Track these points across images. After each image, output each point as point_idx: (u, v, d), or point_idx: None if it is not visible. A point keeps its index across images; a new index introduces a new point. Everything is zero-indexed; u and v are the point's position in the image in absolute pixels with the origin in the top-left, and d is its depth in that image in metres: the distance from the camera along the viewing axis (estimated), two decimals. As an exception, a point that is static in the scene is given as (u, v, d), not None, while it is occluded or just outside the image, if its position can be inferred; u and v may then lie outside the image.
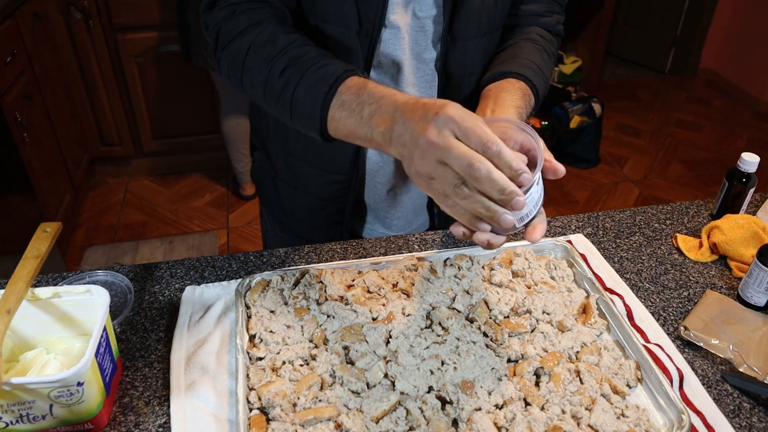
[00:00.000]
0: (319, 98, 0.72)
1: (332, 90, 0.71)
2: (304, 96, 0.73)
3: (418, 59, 0.92)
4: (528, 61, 0.89)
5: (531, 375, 0.76)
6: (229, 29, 0.80)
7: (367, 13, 0.84)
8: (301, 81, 0.74)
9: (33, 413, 0.66)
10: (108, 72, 2.75)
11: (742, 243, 0.98)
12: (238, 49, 0.79)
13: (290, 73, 0.75)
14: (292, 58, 0.75)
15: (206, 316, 0.85)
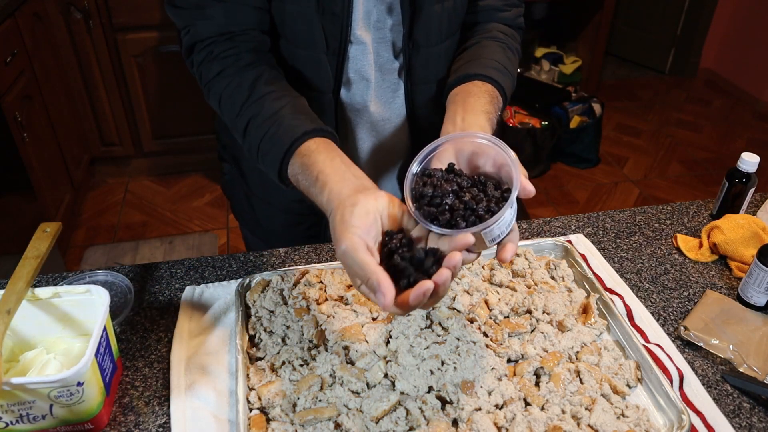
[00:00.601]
0: (276, 165, 0.74)
1: (286, 158, 0.73)
2: (265, 160, 0.77)
3: (382, 71, 0.92)
4: (492, 62, 0.87)
5: (531, 375, 0.76)
6: (207, 74, 0.83)
7: (333, 31, 0.84)
8: (263, 139, 0.76)
9: (33, 413, 0.66)
10: (108, 72, 2.75)
11: (742, 243, 0.98)
12: (216, 94, 0.83)
13: (253, 128, 0.78)
14: (255, 115, 0.78)
15: (206, 316, 0.85)
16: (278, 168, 0.74)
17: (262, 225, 1.11)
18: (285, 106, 0.77)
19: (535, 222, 1.08)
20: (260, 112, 0.78)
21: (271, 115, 0.77)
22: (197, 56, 0.84)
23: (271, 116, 0.77)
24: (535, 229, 1.06)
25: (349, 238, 0.60)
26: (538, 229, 1.06)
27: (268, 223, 1.10)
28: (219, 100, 0.83)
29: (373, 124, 0.97)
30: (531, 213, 2.82)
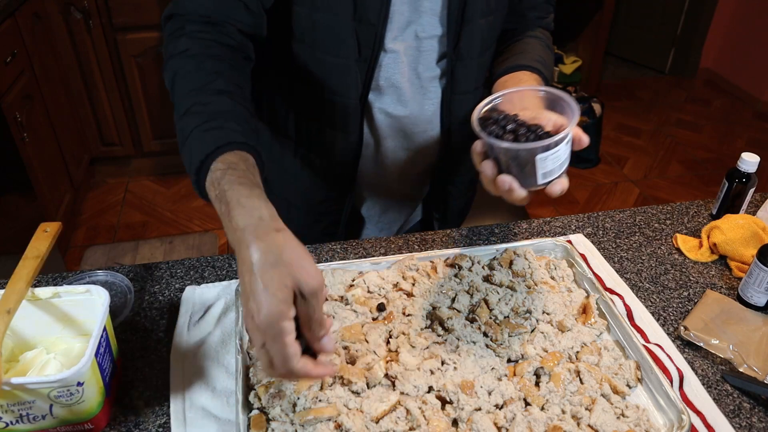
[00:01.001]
0: (192, 170, 0.66)
1: (203, 167, 0.65)
2: (186, 160, 0.69)
3: (420, 78, 0.93)
4: (537, 56, 0.92)
5: (531, 375, 0.76)
6: (172, 48, 0.78)
7: (366, 39, 0.85)
8: (183, 144, 0.69)
9: (33, 413, 0.66)
10: (108, 72, 2.75)
11: (742, 243, 0.98)
12: (171, 70, 0.77)
13: (187, 121, 0.70)
14: (196, 105, 0.70)
15: (206, 316, 0.85)
16: (197, 167, 0.66)
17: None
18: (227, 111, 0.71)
19: (535, 222, 1.08)
20: (207, 104, 0.71)
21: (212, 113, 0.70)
22: (170, 26, 0.80)
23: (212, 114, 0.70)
24: (535, 229, 1.06)
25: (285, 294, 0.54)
26: (538, 229, 1.06)
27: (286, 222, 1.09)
28: (173, 77, 0.76)
29: (403, 130, 0.98)
30: (531, 213, 2.82)
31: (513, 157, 0.67)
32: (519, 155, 0.67)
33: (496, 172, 0.69)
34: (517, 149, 0.66)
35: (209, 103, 0.70)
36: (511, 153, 0.67)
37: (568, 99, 0.70)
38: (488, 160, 0.70)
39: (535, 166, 0.67)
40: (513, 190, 0.67)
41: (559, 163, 0.68)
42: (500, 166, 0.70)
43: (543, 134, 0.67)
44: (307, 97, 0.95)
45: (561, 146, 0.66)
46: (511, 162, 0.68)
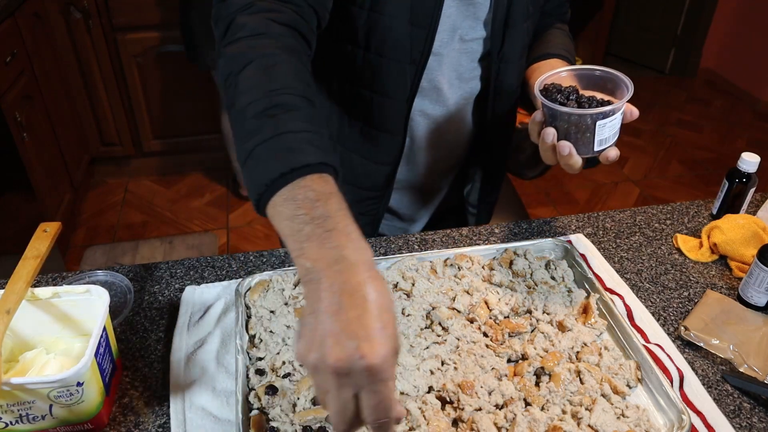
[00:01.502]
0: (273, 173, 0.56)
1: (291, 176, 0.56)
2: (263, 158, 0.58)
3: (460, 79, 0.97)
4: (561, 44, 1.00)
5: (531, 375, 0.76)
6: (240, 26, 0.68)
7: (417, 43, 0.88)
8: (270, 140, 0.59)
9: (33, 413, 0.66)
10: (108, 72, 2.75)
11: (742, 243, 0.98)
12: (239, 54, 0.66)
13: (267, 123, 0.60)
14: (281, 106, 0.61)
15: (206, 316, 0.85)
16: (270, 182, 0.56)
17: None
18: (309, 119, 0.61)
19: (535, 222, 1.08)
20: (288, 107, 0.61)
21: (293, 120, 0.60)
22: (236, 1, 0.71)
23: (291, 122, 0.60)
24: (535, 229, 1.06)
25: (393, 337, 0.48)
26: (538, 229, 1.06)
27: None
28: (244, 66, 0.65)
29: (437, 129, 1.02)
30: (531, 213, 2.82)
31: (575, 123, 0.75)
32: (581, 121, 0.75)
33: (556, 139, 0.77)
34: (582, 114, 0.74)
35: (301, 110, 0.61)
36: (574, 119, 0.75)
37: (621, 75, 0.79)
38: (549, 128, 0.77)
39: (594, 132, 0.75)
40: (572, 155, 0.76)
41: (613, 131, 0.77)
42: (559, 134, 0.78)
43: (604, 102, 0.76)
44: (355, 99, 0.97)
45: (617, 115, 0.76)
46: (572, 129, 0.76)
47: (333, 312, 0.48)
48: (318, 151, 0.58)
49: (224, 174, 3.13)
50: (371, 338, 0.46)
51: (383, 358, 0.46)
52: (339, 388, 0.48)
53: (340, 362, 0.46)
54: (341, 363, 0.46)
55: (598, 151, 0.78)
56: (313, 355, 0.48)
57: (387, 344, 0.47)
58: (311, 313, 0.49)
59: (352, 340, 0.46)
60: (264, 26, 0.68)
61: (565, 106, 0.75)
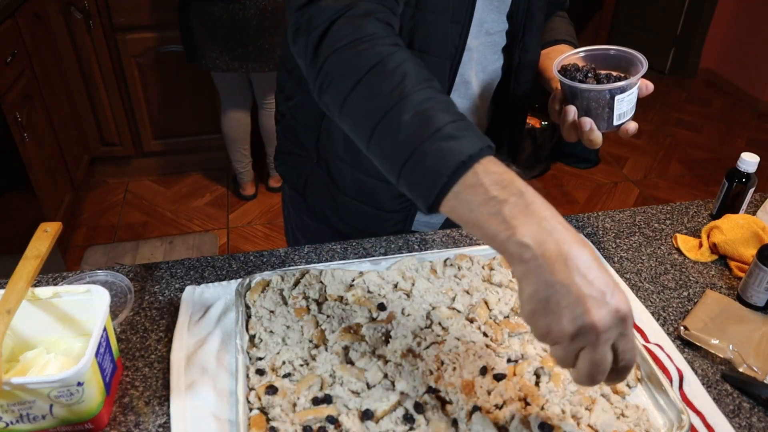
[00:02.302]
0: (448, 166, 0.56)
1: (469, 162, 0.56)
2: (430, 156, 0.58)
3: (484, 72, 0.99)
4: (566, 31, 1.06)
5: (531, 375, 0.76)
6: (347, 31, 0.65)
7: (454, 38, 0.89)
8: (434, 135, 0.58)
9: (33, 413, 0.66)
10: (108, 72, 2.75)
11: (742, 243, 0.98)
12: (357, 61, 0.64)
13: (422, 120, 0.59)
14: (427, 101, 0.60)
15: (206, 316, 0.85)
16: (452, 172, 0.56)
17: (344, 219, 1.11)
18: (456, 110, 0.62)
19: (535, 222, 1.08)
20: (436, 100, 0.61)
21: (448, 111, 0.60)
22: (333, 3, 0.67)
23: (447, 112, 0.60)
24: (535, 229, 1.06)
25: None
26: (538, 229, 1.06)
27: (354, 219, 1.10)
28: (367, 71, 0.63)
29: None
30: (531, 213, 2.82)
31: (595, 98, 0.80)
32: (600, 96, 0.79)
33: (577, 116, 0.81)
34: (601, 90, 0.78)
35: (444, 102, 0.61)
36: (593, 95, 0.79)
37: (635, 53, 0.83)
38: (570, 106, 0.81)
39: (613, 108, 0.79)
40: (593, 130, 0.80)
41: (631, 105, 0.81)
42: (579, 112, 0.82)
43: (620, 78, 0.80)
44: None
45: (634, 90, 0.80)
46: (592, 105, 0.80)
47: (572, 279, 0.51)
48: (477, 135, 0.59)
49: (224, 174, 3.13)
50: (616, 293, 0.51)
51: (629, 306, 0.52)
52: (600, 344, 0.51)
53: (603, 320, 0.50)
54: (605, 320, 0.50)
55: (617, 125, 0.82)
56: (566, 321, 0.51)
57: (624, 294, 0.53)
58: (546, 285, 0.51)
59: (603, 298, 0.51)
60: (369, 28, 0.66)
61: (584, 83, 0.80)
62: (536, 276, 0.52)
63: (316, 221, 1.17)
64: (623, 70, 0.84)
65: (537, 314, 0.53)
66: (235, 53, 2.37)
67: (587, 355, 0.52)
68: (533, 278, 0.52)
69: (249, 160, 2.88)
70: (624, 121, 0.82)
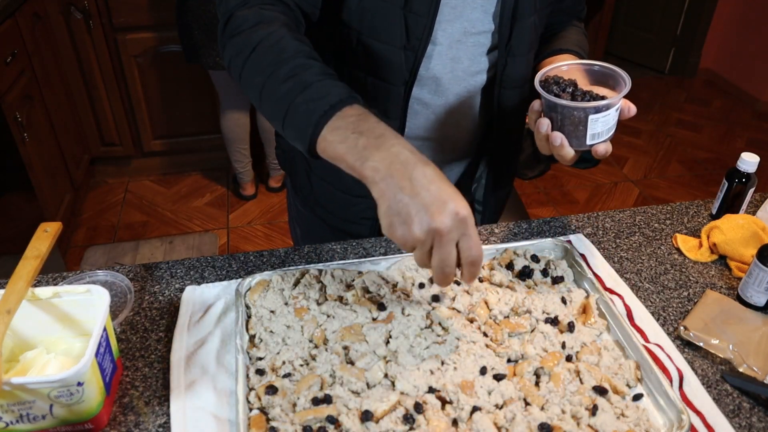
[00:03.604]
0: (315, 115, 0.69)
1: (331, 111, 0.69)
2: (301, 108, 0.71)
3: (466, 72, 0.97)
4: (574, 40, 1.03)
5: (531, 375, 0.76)
6: (240, 20, 0.79)
7: (415, 30, 0.88)
8: (302, 93, 0.71)
9: (33, 413, 0.66)
10: (108, 72, 2.75)
11: (741, 243, 0.98)
12: (245, 42, 0.77)
13: (293, 83, 0.72)
14: (298, 67, 0.73)
15: (206, 316, 0.85)
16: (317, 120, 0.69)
17: (319, 202, 1.13)
18: (325, 71, 0.74)
19: (535, 222, 1.08)
20: (305, 66, 0.73)
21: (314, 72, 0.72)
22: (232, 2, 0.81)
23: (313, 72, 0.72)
24: (535, 229, 1.06)
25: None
26: (538, 229, 1.06)
27: (326, 201, 1.12)
28: (252, 49, 0.76)
29: (438, 121, 1.02)
30: (531, 213, 2.83)
31: (568, 115, 0.77)
32: (574, 114, 0.77)
33: (550, 129, 0.80)
34: (574, 107, 0.76)
35: (312, 67, 0.73)
36: (567, 111, 0.77)
37: (620, 72, 0.81)
38: (544, 118, 0.80)
39: (586, 126, 0.77)
40: (563, 147, 0.79)
41: (607, 127, 0.78)
42: (554, 125, 0.80)
43: (598, 97, 0.78)
44: (351, 80, 0.96)
45: (611, 111, 0.77)
46: (565, 120, 0.78)
47: (417, 192, 0.61)
48: (343, 88, 0.70)
49: (224, 174, 3.13)
50: (456, 199, 0.62)
51: (468, 209, 0.62)
52: (444, 244, 0.62)
53: (444, 222, 0.61)
54: (445, 222, 0.61)
55: (590, 145, 0.79)
56: (416, 228, 0.61)
57: (464, 200, 0.62)
58: (397, 201, 0.62)
59: (443, 204, 0.61)
60: (260, 16, 0.78)
61: (559, 98, 0.77)
62: (388, 193, 0.62)
63: (303, 207, 1.19)
64: (611, 87, 0.82)
65: (393, 226, 0.63)
66: None
67: (436, 254, 0.63)
68: (386, 196, 0.63)
69: (249, 160, 2.88)
70: (598, 142, 0.79)
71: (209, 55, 2.39)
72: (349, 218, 1.11)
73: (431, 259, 0.64)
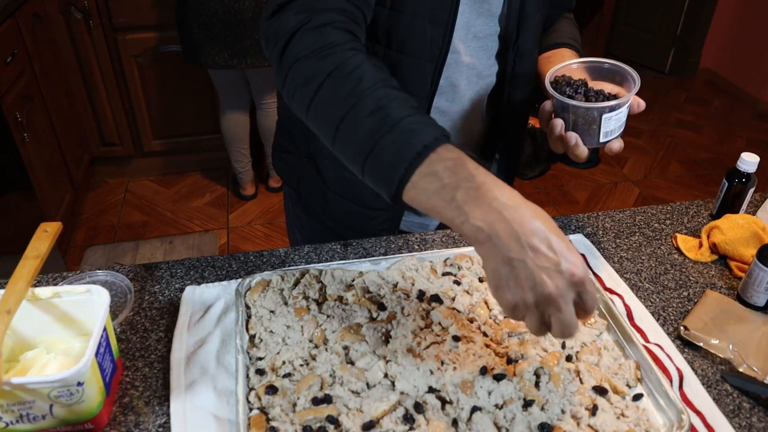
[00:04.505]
0: (407, 156, 0.61)
1: (425, 152, 0.61)
2: (388, 149, 0.62)
3: (478, 76, 0.97)
4: (569, 34, 1.03)
5: (531, 375, 0.76)
6: (307, 41, 0.70)
7: (437, 40, 0.88)
8: (391, 131, 0.63)
9: (33, 413, 0.66)
10: (108, 72, 2.75)
11: (741, 243, 0.98)
12: (316, 68, 0.68)
13: (379, 118, 0.64)
14: (381, 99, 0.65)
15: (206, 316, 0.85)
16: (409, 163, 0.61)
17: (333, 216, 1.12)
18: (411, 103, 0.67)
19: (535, 222, 1.08)
20: (390, 98, 0.65)
21: (401, 107, 0.65)
22: (292, 18, 0.72)
23: (400, 107, 0.65)
24: (535, 229, 1.06)
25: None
26: (538, 229, 1.06)
27: (340, 215, 1.11)
28: (326, 77, 0.68)
29: (453, 127, 1.02)
30: (531, 213, 2.82)
31: (582, 115, 0.78)
32: (588, 113, 0.78)
33: (563, 130, 0.81)
34: (588, 107, 0.77)
35: (397, 99, 0.66)
36: (581, 111, 0.78)
37: (628, 69, 0.82)
38: (557, 119, 0.81)
39: (600, 125, 0.78)
40: (578, 146, 0.80)
41: (619, 124, 0.80)
42: (567, 125, 0.81)
43: (611, 96, 0.79)
44: None
45: (623, 109, 0.79)
46: (579, 120, 0.79)
47: (527, 256, 0.55)
48: (433, 126, 0.63)
49: (224, 174, 3.13)
50: (569, 258, 0.55)
51: (584, 267, 0.56)
52: (563, 308, 0.55)
53: (559, 288, 0.55)
54: (560, 288, 0.55)
55: (603, 142, 0.81)
56: (529, 296, 0.55)
57: (578, 256, 0.57)
58: (505, 265, 0.56)
59: (558, 267, 0.55)
60: (328, 37, 0.70)
61: (573, 99, 0.78)
62: (494, 255, 0.56)
63: (310, 218, 1.18)
64: (617, 83, 0.83)
65: (501, 289, 0.57)
66: (233, 49, 2.37)
67: (555, 319, 0.56)
68: (492, 258, 0.56)
69: (249, 160, 2.88)
70: (611, 138, 0.81)
71: (209, 54, 2.39)
72: (366, 231, 1.08)
73: (552, 326, 0.57)
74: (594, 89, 0.80)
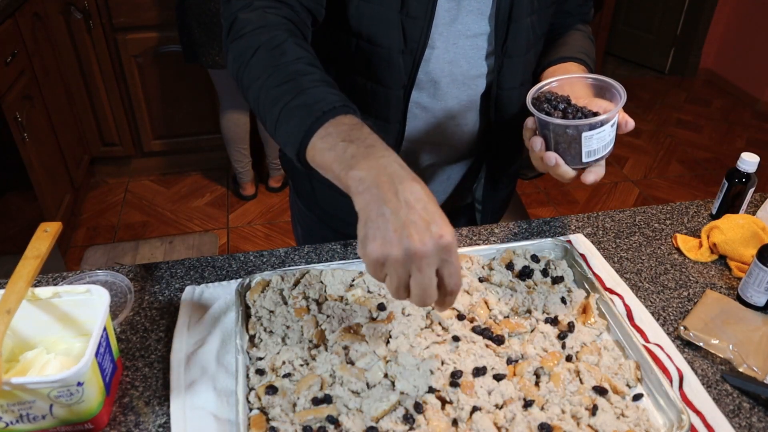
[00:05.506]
0: (307, 120, 0.67)
1: (324, 117, 0.66)
2: (294, 113, 0.69)
3: (465, 76, 0.96)
4: (580, 47, 0.99)
5: (531, 375, 0.76)
6: (243, 23, 0.78)
7: (412, 34, 0.88)
8: (296, 98, 0.69)
9: (33, 413, 0.66)
10: (108, 72, 2.75)
11: (741, 243, 0.98)
12: (247, 45, 0.76)
13: (289, 87, 0.71)
14: (295, 72, 0.71)
15: (206, 316, 0.85)
16: (308, 127, 0.66)
17: (320, 205, 1.13)
18: (324, 78, 0.72)
19: (535, 222, 1.08)
20: (303, 72, 0.71)
21: (311, 79, 0.70)
22: (237, 2, 0.80)
23: (310, 79, 0.70)
24: (535, 229, 1.06)
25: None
26: (538, 229, 1.06)
27: (327, 204, 1.12)
28: (254, 52, 0.75)
29: (439, 125, 1.01)
30: (531, 213, 2.82)
31: (561, 133, 0.74)
32: (566, 132, 0.74)
33: (543, 149, 0.77)
34: (565, 125, 0.73)
35: (310, 74, 0.71)
36: (559, 129, 0.74)
37: (616, 85, 0.78)
38: (537, 137, 0.78)
39: (580, 144, 0.74)
40: (559, 166, 0.76)
41: (603, 143, 0.75)
42: (548, 144, 0.77)
43: (590, 114, 0.74)
44: (351, 86, 0.96)
45: (606, 127, 0.73)
46: (559, 139, 0.75)
47: (401, 209, 0.56)
48: (338, 96, 0.68)
49: (224, 174, 3.13)
50: (440, 223, 0.57)
51: (453, 235, 0.57)
52: (424, 269, 0.56)
53: (425, 246, 0.55)
54: (427, 246, 0.56)
55: (587, 163, 0.76)
56: (395, 248, 0.56)
57: (450, 225, 0.58)
58: (378, 214, 0.57)
59: (428, 226, 0.56)
60: (264, 20, 0.77)
61: (550, 116, 0.74)
62: (370, 204, 0.58)
63: (306, 208, 1.19)
64: (609, 99, 0.78)
65: (368, 240, 0.57)
66: None
67: (415, 280, 0.57)
68: (367, 208, 0.58)
69: (249, 160, 2.88)
70: (595, 159, 0.76)
71: (209, 53, 2.39)
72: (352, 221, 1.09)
73: (410, 286, 0.58)
74: (576, 107, 0.75)
